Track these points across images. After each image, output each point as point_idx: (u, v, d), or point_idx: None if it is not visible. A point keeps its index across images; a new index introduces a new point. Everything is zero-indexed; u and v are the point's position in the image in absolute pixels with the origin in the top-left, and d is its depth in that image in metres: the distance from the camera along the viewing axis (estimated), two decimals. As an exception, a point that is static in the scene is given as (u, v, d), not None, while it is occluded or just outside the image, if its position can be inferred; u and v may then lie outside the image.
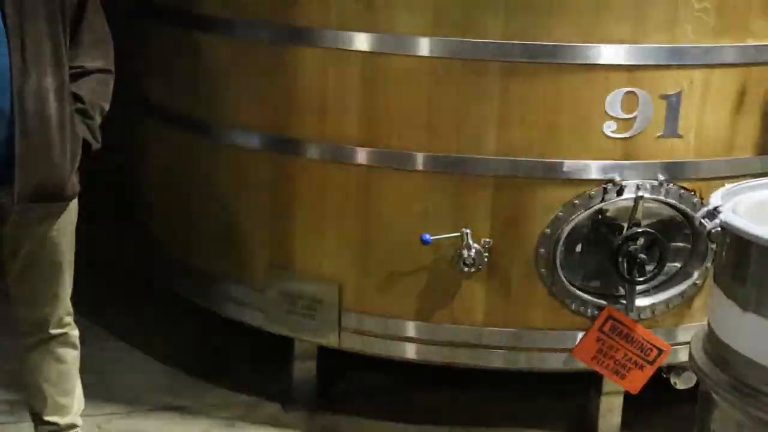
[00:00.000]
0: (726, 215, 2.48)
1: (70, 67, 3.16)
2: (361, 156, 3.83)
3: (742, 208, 2.65)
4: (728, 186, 2.77)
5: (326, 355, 4.09)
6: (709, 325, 2.63)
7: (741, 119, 3.81)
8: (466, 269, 3.70)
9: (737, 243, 2.46)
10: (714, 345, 2.56)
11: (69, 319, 3.37)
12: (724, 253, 2.56)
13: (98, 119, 3.28)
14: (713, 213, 2.54)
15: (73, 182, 3.21)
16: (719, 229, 2.49)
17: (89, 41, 3.22)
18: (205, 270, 4.34)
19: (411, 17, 3.65)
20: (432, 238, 3.68)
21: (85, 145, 3.22)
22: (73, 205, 3.27)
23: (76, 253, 3.36)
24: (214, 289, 4.31)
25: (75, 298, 3.39)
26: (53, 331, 3.32)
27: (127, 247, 5.03)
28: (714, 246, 2.77)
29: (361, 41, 3.72)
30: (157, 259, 4.74)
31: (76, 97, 3.18)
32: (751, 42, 3.64)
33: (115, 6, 3.74)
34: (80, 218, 3.35)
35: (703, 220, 2.64)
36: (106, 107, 3.31)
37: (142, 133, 4.77)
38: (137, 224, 4.97)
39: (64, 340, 3.36)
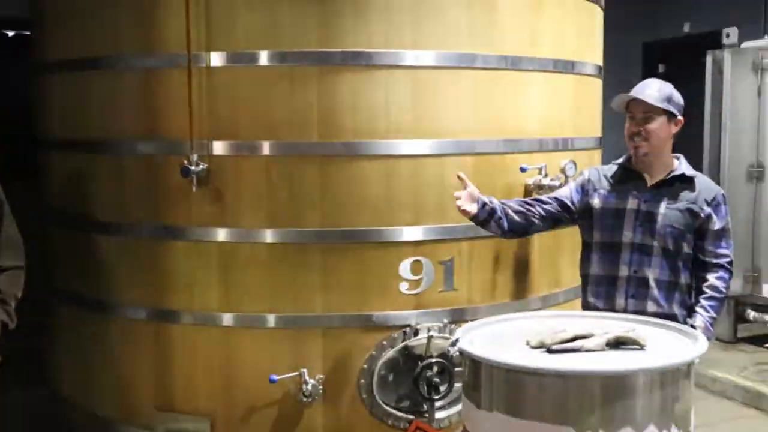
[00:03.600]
0: (462, 343, 2.95)
1: None
2: (223, 320, 4.02)
3: (478, 338, 3.08)
4: (469, 323, 3.28)
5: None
6: (462, 421, 3.12)
7: (499, 275, 4.22)
8: (305, 400, 3.89)
9: (470, 361, 2.92)
10: None
11: None
12: (465, 370, 3.00)
13: (13, 305, 3.37)
14: (454, 343, 3.05)
15: None
16: (458, 353, 2.99)
17: (4, 246, 3.37)
18: (103, 416, 4.36)
19: (252, 215, 3.95)
20: (278, 377, 3.86)
21: (4, 325, 3.33)
22: None
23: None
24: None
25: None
26: None
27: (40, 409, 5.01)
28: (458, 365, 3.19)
29: (218, 234, 3.99)
30: (67, 410, 4.69)
31: None
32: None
33: (25, 213, 3.90)
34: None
35: (450, 348, 3.16)
36: (19, 294, 3.41)
37: (50, 313, 4.82)
38: (51, 384, 4.90)
39: None
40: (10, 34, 7.56)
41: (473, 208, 3.72)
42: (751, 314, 6.81)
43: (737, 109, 6.88)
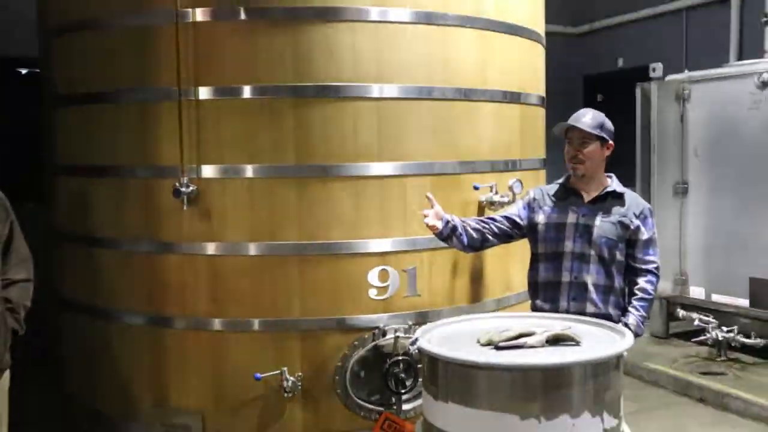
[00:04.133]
0: (420, 342, 2.95)
1: (2, 279, 3.29)
2: (213, 325, 4.00)
3: (435, 338, 3.08)
4: (427, 324, 3.26)
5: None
6: (423, 411, 3.07)
7: (457, 281, 4.24)
8: (286, 395, 3.89)
9: (428, 358, 2.92)
10: (425, 423, 3.00)
11: None
12: (424, 366, 2.99)
13: (23, 314, 3.31)
14: (414, 342, 3.03)
15: (6, 359, 3.24)
16: (417, 350, 2.97)
17: (14, 261, 3.32)
18: (107, 414, 4.33)
19: (237, 231, 3.96)
20: (262, 375, 3.86)
21: (14, 332, 3.27)
22: (7, 374, 3.29)
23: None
24: (115, 427, 4.29)
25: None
26: None
27: (49, 407, 4.94)
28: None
29: (207, 248, 3.98)
30: (74, 409, 4.63)
31: (7, 300, 3.25)
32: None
33: (35, 230, 3.87)
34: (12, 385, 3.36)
35: (410, 347, 3.15)
36: (29, 304, 3.34)
37: (59, 320, 4.75)
38: (59, 385, 4.83)
39: None
40: (24, 71, 7.53)
41: (439, 224, 3.75)
42: (681, 313, 6.85)
43: (663, 133, 6.96)
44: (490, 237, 3.89)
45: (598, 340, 3.01)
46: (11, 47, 6.38)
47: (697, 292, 6.77)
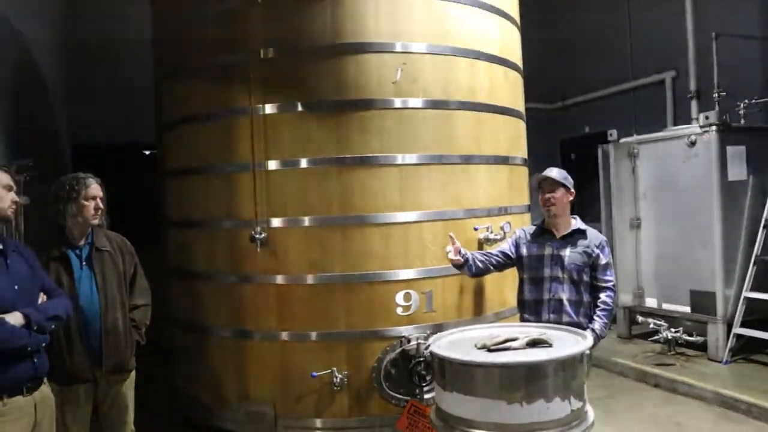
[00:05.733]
0: (432, 347, 2.95)
1: (130, 305, 3.45)
2: (281, 336, 4.01)
3: (444, 343, 3.08)
4: (438, 334, 3.24)
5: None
6: (435, 398, 3.05)
7: (463, 299, 4.18)
8: (335, 388, 3.90)
9: (438, 359, 2.91)
10: (436, 408, 2.97)
11: None
12: (435, 364, 2.97)
13: (143, 329, 3.46)
14: (427, 347, 3.04)
15: (133, 362, 3.46)
16: (430, 353, 2.98)
17: (138, 291, 3.47)
18: (206, 403, 4.36)
19: (297, 266, 3.97)
20: (317, 374, 3.88)
21: (138, 342, 3.45)
22: (133, 373, 3.45)
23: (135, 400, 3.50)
24: (212, 413, 4.32)
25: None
26: None
27: (163, 397, 4.95)
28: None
29: (275, 279, 4.01)
30: (180, 399, 4.67)
31: (132, 320, 3.44)
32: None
33: (154, 267, 4.03)
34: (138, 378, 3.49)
35: (425, 351, 3.14)
36: (148, 323, 3.49)
37: (170, 333, 4.78)
38: (170, 381, 4.84)
39: None
40: (147, 152, 7.75)
41: (457, 258, 3.80)
42: (639, 318, 6.72)
43: (620, 182, 6.90)
44: (490, 267, 3.92)
45: (566, 342, 2.99)
46: (140, 135, 6.64)
47: (651, 302, 6.65)
